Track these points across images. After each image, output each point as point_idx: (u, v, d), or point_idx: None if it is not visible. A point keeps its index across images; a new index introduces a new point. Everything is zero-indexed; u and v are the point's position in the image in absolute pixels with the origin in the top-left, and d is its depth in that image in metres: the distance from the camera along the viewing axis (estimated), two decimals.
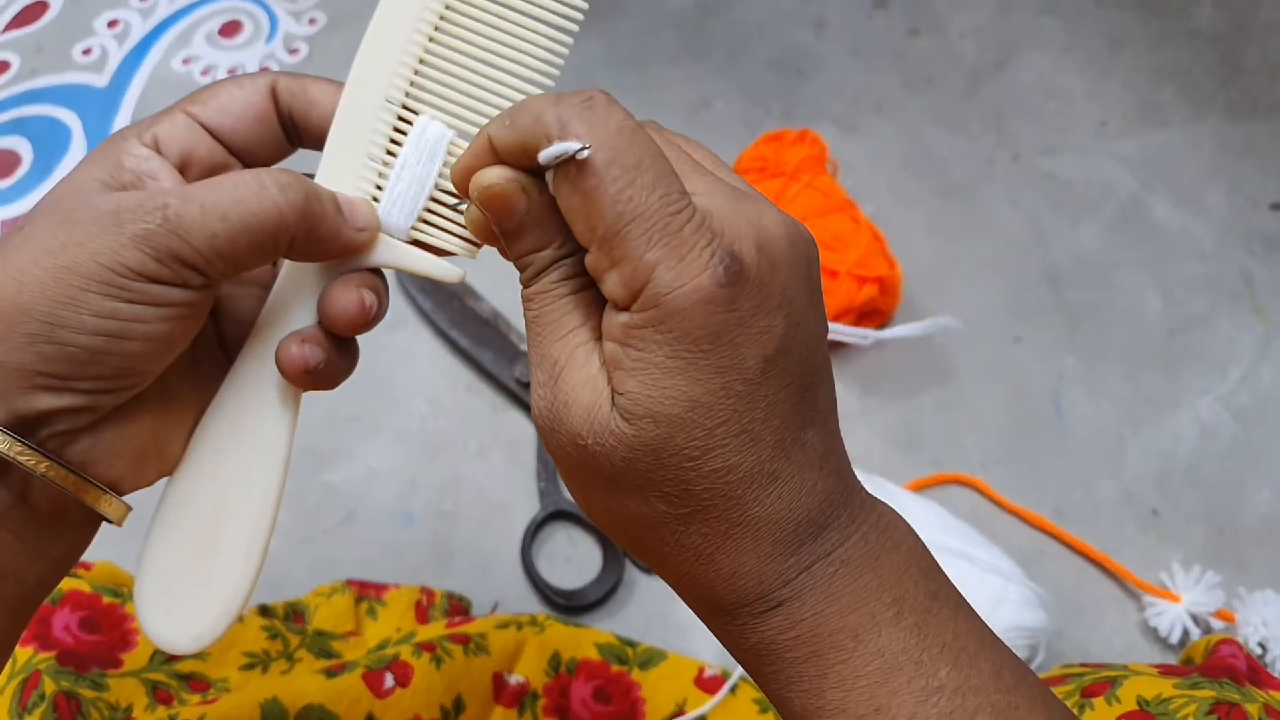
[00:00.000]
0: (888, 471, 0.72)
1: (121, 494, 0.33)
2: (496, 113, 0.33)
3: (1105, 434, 0.76)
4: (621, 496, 0.28)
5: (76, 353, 0.29)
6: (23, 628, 0.33)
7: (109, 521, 0.33)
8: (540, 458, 0.74)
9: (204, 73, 0.95)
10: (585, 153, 0.26)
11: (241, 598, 0.34)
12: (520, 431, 0.76)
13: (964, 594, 0.61)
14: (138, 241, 0.29)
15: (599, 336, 0.29)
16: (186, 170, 0.33)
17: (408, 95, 0.34)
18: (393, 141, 0.34)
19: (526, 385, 0.76)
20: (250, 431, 0.34)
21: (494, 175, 0.29)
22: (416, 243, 0.34)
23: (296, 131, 0.35)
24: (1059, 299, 0.82)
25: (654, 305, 0.26)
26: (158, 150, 0.32)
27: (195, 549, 0.34)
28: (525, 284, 0.30)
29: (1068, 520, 0.72)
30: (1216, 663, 0.43)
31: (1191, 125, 0.91)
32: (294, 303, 0.34)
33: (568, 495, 0.73)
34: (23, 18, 0.99)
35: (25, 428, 0.29)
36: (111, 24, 0.99)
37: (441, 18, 0.33)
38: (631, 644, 0.64)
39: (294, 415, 0.35)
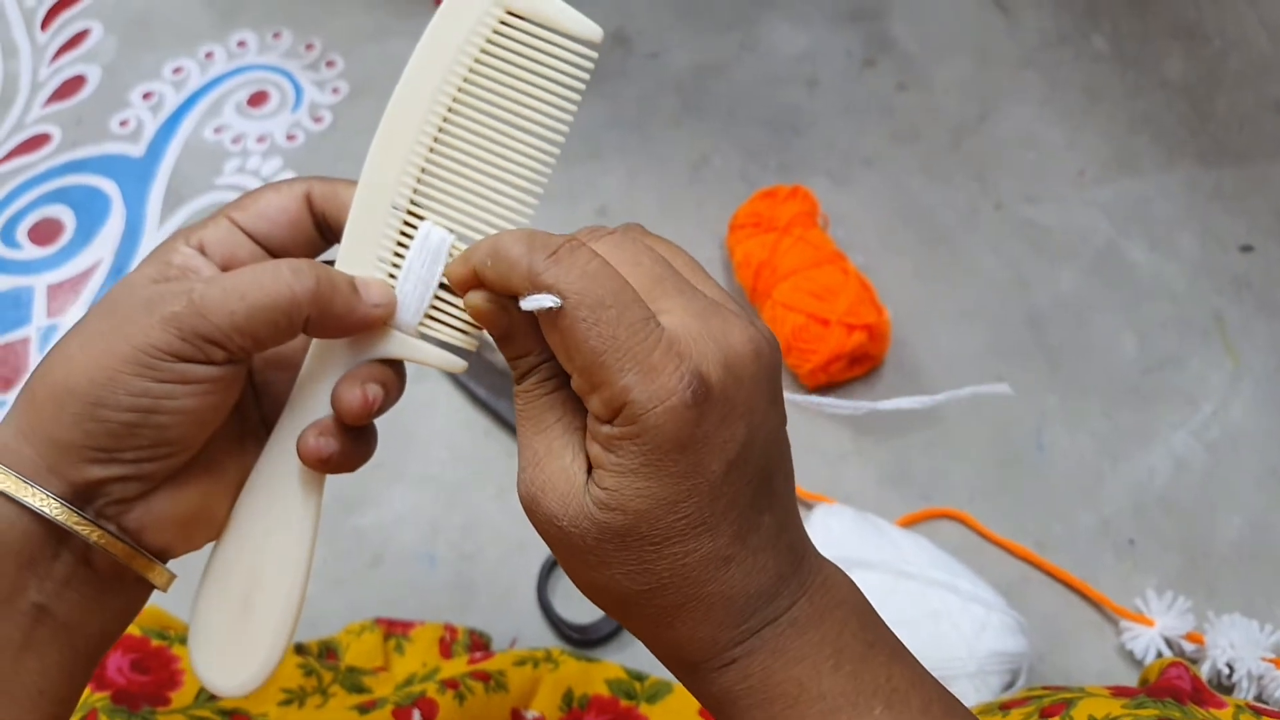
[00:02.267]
0: (880, 508, 0.77)
1: (173, 557, 0.37)
2: (492, 219, 0.37)
3: (1084, 468, 0.81)
4: (591, 569, 0.32)
5: (116, 427, 0.32)
6: (89, 676, 0.37)
7: (156, 587, 0.37)
8: None
9: (234, 141, 1.02)
10: (556, 303, 0.30)
11: (281, 649, 0.38)
12: None
13: (949, 622, 0.66)
14: (165, 323, 0.32)
15: (577, 426, 0.33)
16: (229, 269, 0.36)
17: (412, 202, 0.37)
18: (399, 244, 0.37)
19: None
20: (280, 506, 0.38)
21: (477, 299, 0.33)
22: (424, 336, 0.38)
23: (330, 230, 0.39)
24: (1040, 340, 0.87)
25: (631, 422, 0.30)
26: (202, 252, 0.36)
27: (237, 608, 0.38)
28: (516, 382, 0.34)
29: (1049, 550, 0.77)
30: (1163, 684, 0.48)
31: (1164, 172, 0.96)
32: (315, 390, 0.38)
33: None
34: (62, 91, 1.06)
35: (82, 498, 0.33)
36: (146, 96, 1.05)
37: (440, 130, 0.37)
38: (640, 678, 0.68)
39: (319, 493, 0.38)
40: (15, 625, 0.33)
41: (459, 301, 0.37)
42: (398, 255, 0.37)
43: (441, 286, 0.37)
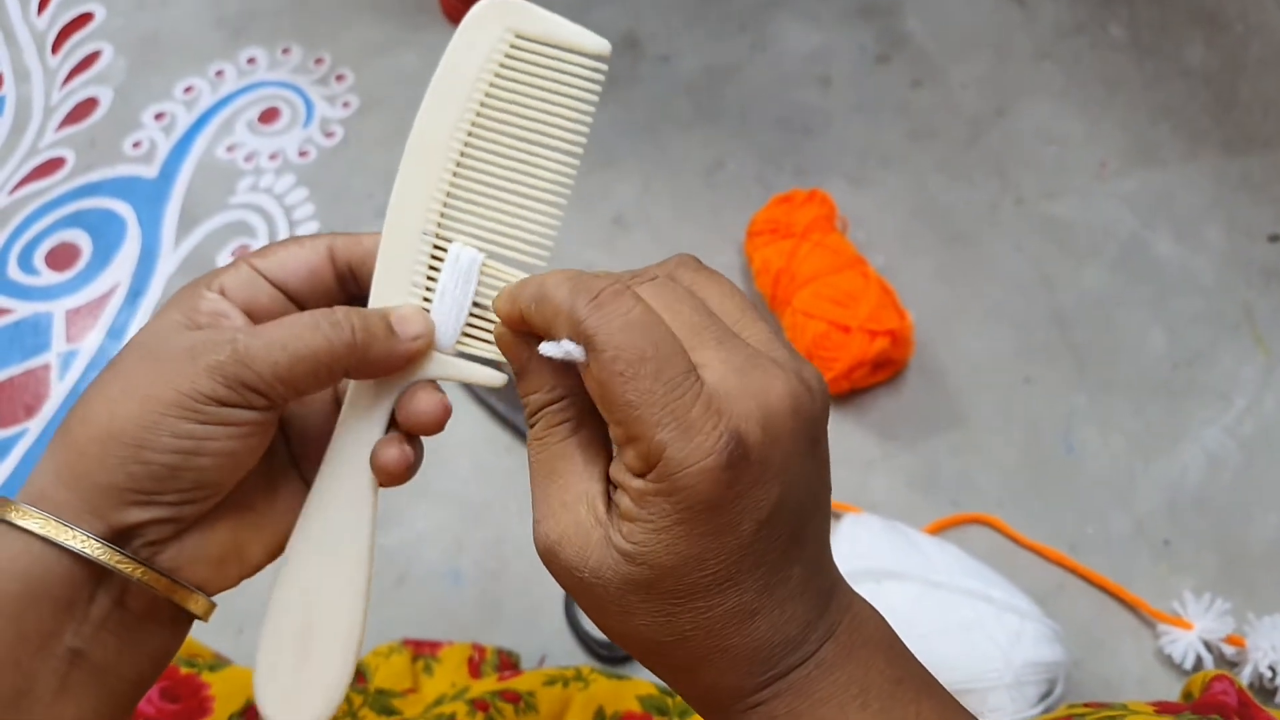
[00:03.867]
0: (909, 514, 0.76)
1: (207, 595, 0.37)
2: (520, 235, 0.38)
3: (1116, 468, 0.79)
4: (613, 618, 0.32)
5: (159, 470, 0.33)
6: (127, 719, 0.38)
7: (197, 618, 0.37)
8: None
9: (247, 159, 1.01)
10: (580, 356, 0.30)
11: (343, 686, 0.38)
12: None
13: (983, 632, 0.65)
14: (210, 371, 0.33)
15: (593, 476, 0.32)
16: (251, 313, 0.38)
17: (439, 226, 0.38)
18: (431, 268, 0.38)
19: None
20: (335, 545, 0.38)
21: (502, 331, 0.34)
22: (462, 354, 0.39)
23: (355, 280, 0.39)
24: (1067, 339, 0.85)
25: (664, 479, 0.29)
26: (224, 296, 0.37)
27: (299, 648, 0.38)
28: (527, 420, 0.35)
29: (1083, 554, 0.75)
30: (1208, 700, 0.47)
31: (1188, 162, 0.94)
32: (362, 421, 0.38)
33: None
34: (75, 114, 1.06)
35: (120, 539, 0.34)
36: (158, 116, 1.05)
37: (462, 154, 0.38)
38: (671, 694, 0.67)
39: (372, 529, 0.39)
40: (52, 670, 0.34)
41: (494, 317, 0.37)
42: (430, 279, 0.38)
43: (475, 305, 0.38)
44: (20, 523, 0.33)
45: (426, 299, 0.38)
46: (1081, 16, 1.04)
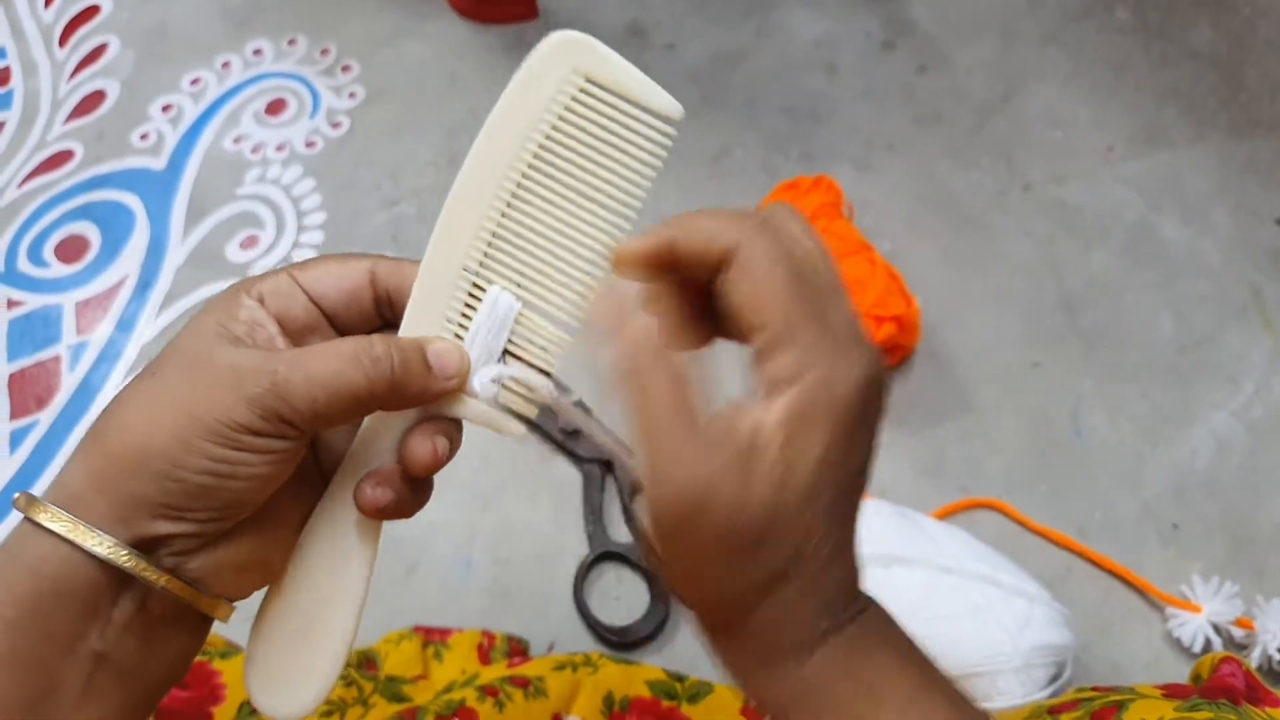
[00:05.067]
0: (916, 500, 0.76)
1: (228, 602, 0.38)
2: (560, 290, 0.37)
3: (1124, 452, 0.79)
4: (760, 552, 0.33)
5: (192, 489, 0.34)
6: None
7: (218, 620, 0.38)
8: (587, 502, 0.79)
9: (254, 150, 1.02)
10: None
11: (333, 678, 0.39)
12: (566, 478, 0.80)
13: (991, 616, 0.65)
14: (249, 403, 0.33)
15: (729, 408, 0.33)
16: (283, 324, 0.38)
17: (481, 265, 0.37)
18: (467, 305, 0.37)
19: (570, 434, 0.81)
20: (339, 549, 0.39)
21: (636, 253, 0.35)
22: (484, 399, 0.38)
23: (392, 306, 0.39)
24: (1074, 323, 0.85)
25: (823, 387, 0.31)
26: (262, 304, 0.37)
27: (294, 642, 0.39)
28: (632, 365, 0.34)
29: (1091, 538, 0.75)
30: (1216, 683, 0.47)
31: (1195, 145, 0.94)
32: (377, 444, 0.38)
33: (614, 537, 0.77)
34: (83, 107, 1.06)
35: (145, 547, 0.34)
36: (165, 108, 1.06)
37: (514, 195, 0.36)
38: (680, 678, 0.68)
39: (376, 538, 0.39)
40: (77, 672, 0.34)
41: (520, 371, 0.37)
42: (464, 317, 0.37)
43: (505, 352, 0.38)
44: (49, 525, 0.33)
45: (457, 336, 0.38)
46: (1087, 0, 1.03)
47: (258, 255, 0.95)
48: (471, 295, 0.37)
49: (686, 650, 0.73)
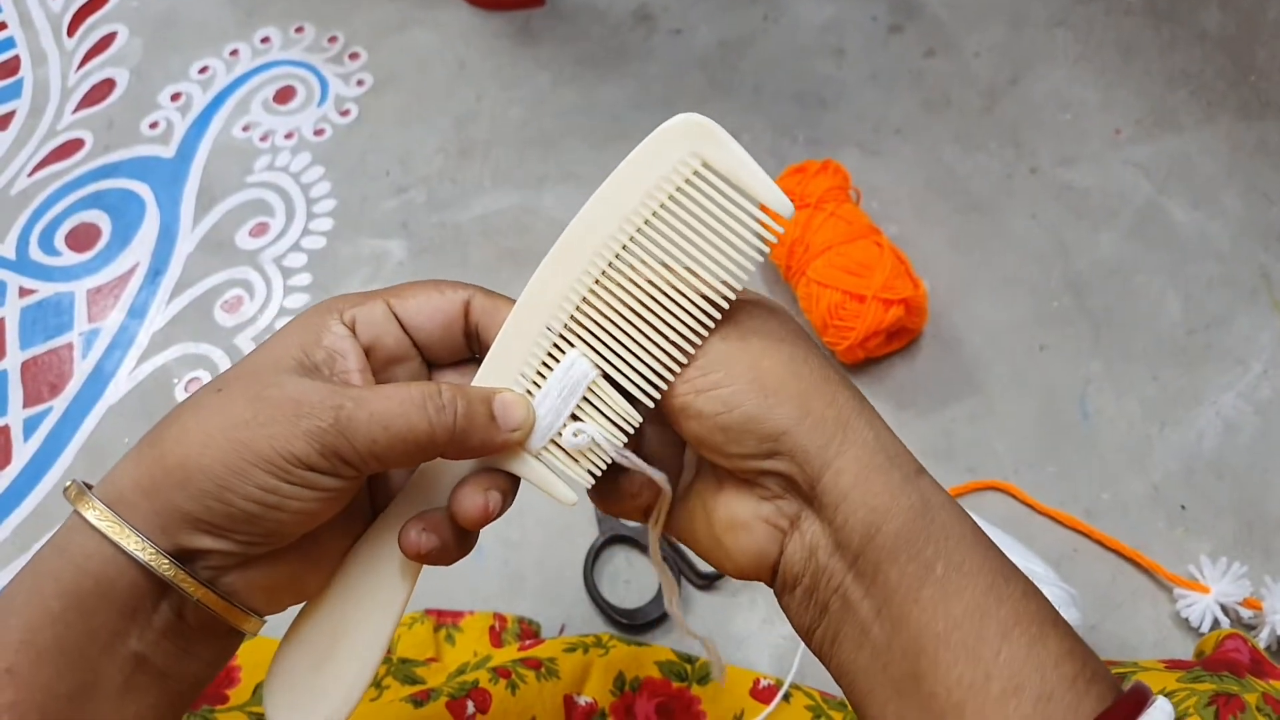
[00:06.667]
0: None
1: (260, 616, 0.38)
2: (638, 368, 0.37)
3: (1132, 434, 0.79)
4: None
5: (237, 513, 0.34)
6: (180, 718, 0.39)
7: (245, 633, 0.38)
8: None
9: (263, 138, 1.02)
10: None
11: (344, 708, 0.39)
12: None
13: None
14: (308, 437, 0.33)
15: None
16: (372, 353, 0.38)
17: (565, 327, 0.37)
18: (544, 363, 0.37)
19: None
20: (375, 584, 0.39)
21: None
22: (543, 459, 0.38)
23: (479, 342, 0.39)
24: (1082, 306, 0.85)
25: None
26: (353, 331, 0.37)
27: (317, 664, 0.39)
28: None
29: (1099, 519, 0.76)
30: (1220, 657, 0.47)
31: (1204, 127, 0.94)
32: (431, 487, 0.38)
33: (624, 520, 0.78)
34: (92, 96, 1.07)
35: (184, 558, 0.35)
36: (175, 97, 1.06)
37: (611, 264, 0.36)
38: (690, 660, 0.68)
39: (413, 580, 0.39)
40: (118, 669, 0.34)
41: (585, 438, 0.37)
42: (540, 375, 0.37)
43: (572, 417, 0.37)
44: (96, 523, 0.33)
45: (529, 392, 0.38)
46: None
47: (268, 242, 0.96)
48: (550, 355, 0.37)
49: (697, 632, 0.73)
